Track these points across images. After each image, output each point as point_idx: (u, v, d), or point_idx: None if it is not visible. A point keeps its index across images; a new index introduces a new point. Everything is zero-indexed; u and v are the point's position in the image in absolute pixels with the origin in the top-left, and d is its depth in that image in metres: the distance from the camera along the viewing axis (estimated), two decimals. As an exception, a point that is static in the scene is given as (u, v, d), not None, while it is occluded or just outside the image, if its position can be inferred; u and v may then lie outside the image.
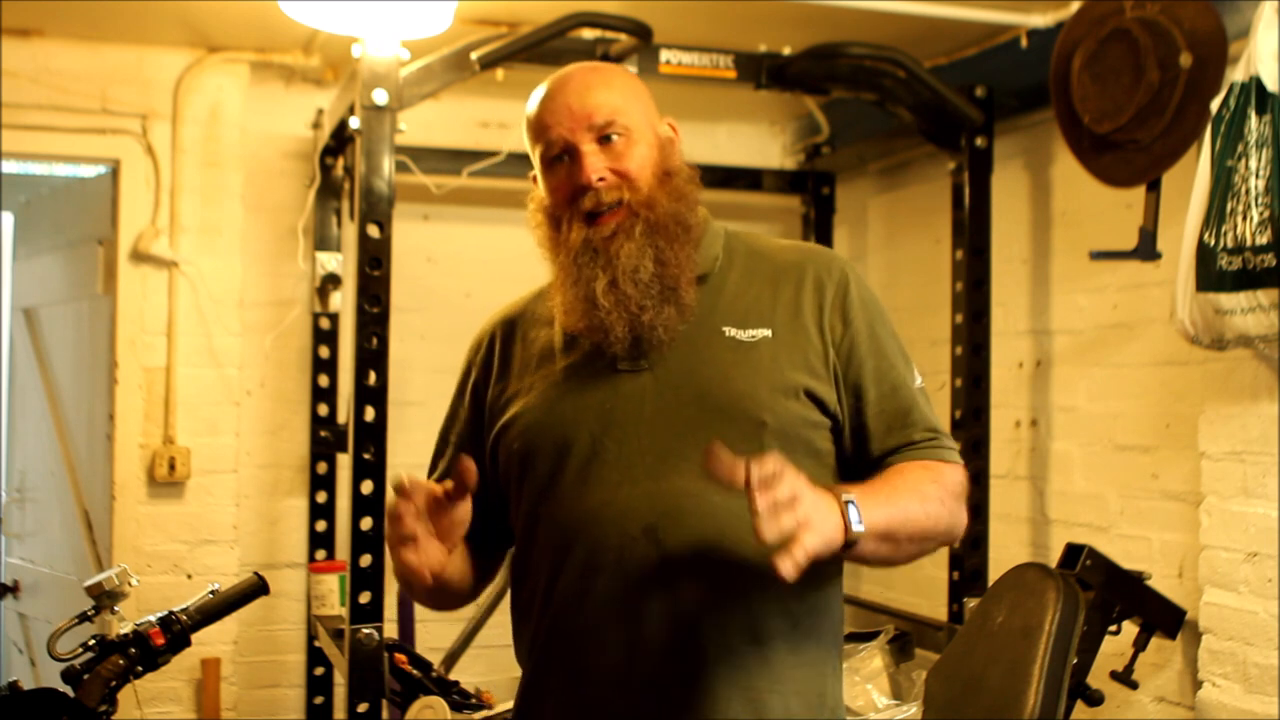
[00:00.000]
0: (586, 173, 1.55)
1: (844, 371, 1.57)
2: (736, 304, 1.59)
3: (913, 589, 3.81)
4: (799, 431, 1.54)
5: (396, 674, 2.80)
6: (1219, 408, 2.67)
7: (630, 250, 1.54)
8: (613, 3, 3.01)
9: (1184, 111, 2.57)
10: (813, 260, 1.62)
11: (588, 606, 1.52)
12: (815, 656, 1.56)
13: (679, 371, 1.55)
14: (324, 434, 3.77)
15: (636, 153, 1.57)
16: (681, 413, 1.53)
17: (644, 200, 1.56)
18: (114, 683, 1.99)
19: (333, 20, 2.89)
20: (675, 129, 1.66)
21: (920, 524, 1.49)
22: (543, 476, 1.57)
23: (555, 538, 1.55)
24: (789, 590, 1.47)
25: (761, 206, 4.35)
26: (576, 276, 1.56)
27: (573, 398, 1.57)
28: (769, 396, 1.52)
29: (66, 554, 3.95)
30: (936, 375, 3.69)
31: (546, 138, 1.59)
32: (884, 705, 2.85)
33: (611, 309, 1.53)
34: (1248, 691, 2.56)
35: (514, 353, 1.67)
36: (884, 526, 1.42)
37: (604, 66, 1.69)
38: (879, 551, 1.45)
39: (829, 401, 1.56)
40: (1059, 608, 2.22)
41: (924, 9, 3.17)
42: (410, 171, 3.70)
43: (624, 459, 1.52)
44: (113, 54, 3.62)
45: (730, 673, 1.49)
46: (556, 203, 1.59)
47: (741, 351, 1.55)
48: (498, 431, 1.63)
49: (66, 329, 4.01)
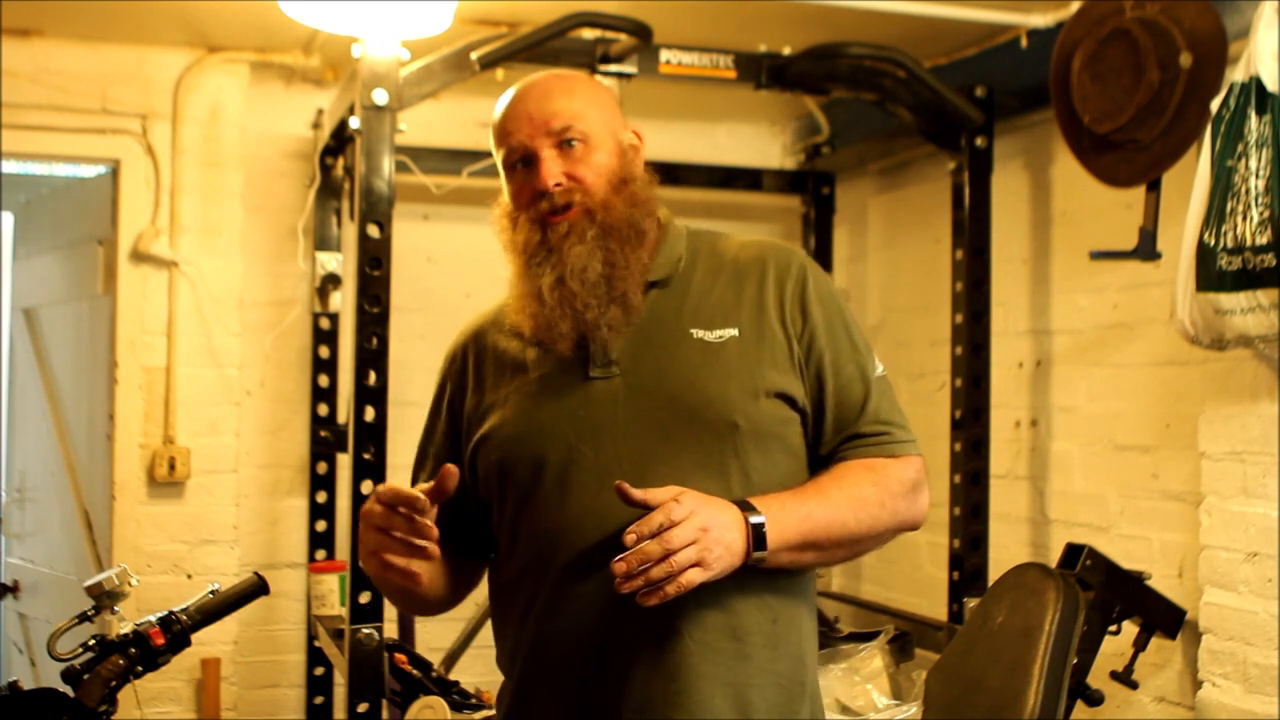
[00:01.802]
0: (543, 177, 1.59)
1: (805, 364, 1.61)
2: (702, 305, 1.61)
3: (913, 589, 3.81)
4: (772, 429, 1.58)
5: (396, 674, 2.80)
6: (1219, 408, 2.67)
7: (580, 251, 1.57)
8: (613, 3, 3.01)
9: (1184, 111, 2.57)
10: (772, 256, 1.65)
11: (572, 610, 1.54)
12: (794, 648, 1.60)
13: (650, 376, 1.58)
14: (324, 434, 3.77)
15: (594, 159, 1.61)
16: (655, 417, 1.55)
17: (599, 203, 1.59)
18: (114, 683, 1.99)
19: (333, 20, 2.89)
20: (640, 137, 1.70)
21: (849, 529, 1.54)
22: (523, 486, 1.59)
23: (538, 545, 1.57)
24: (767, 587, 1.55)
25: (761, 206, 4.35)
26: (528, 276, 1.60)
27: (548, 407, 1.59)
28: (740, 398, 1.55)
29: (66, 554, 3.95)
30: (936, 375, 3.69)
31: (508, 143, 1.63)
32: (884, 705, 2.85)
33: (555, 305, 1.57)
34: (1248, 691, 2.56)
35: (487, 365, 1.69)
36: (799, 540, 1.49)
37: (569, 74, 1.72)
38: (799, 560, 1.53)
39: (798, 397, 1.60)
40: (1059, 608, 2.22)
41: (924, 9, 3.17)
42: (410, 171, 3.70)
43: (601, 465, 1.54)
44: (113, 54, 3.62)
45: (713, 670, 1.52)
46: (516, 206, 1.64)
47: (710, 353, 1.57)
48: (476, 444, 1.65)
49: (66, 329, 4.01)
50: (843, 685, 2.88)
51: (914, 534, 1.64)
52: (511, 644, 1.63)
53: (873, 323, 4.10)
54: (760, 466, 1.56)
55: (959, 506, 3.29)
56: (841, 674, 2.91)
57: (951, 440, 3.32)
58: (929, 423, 3.67)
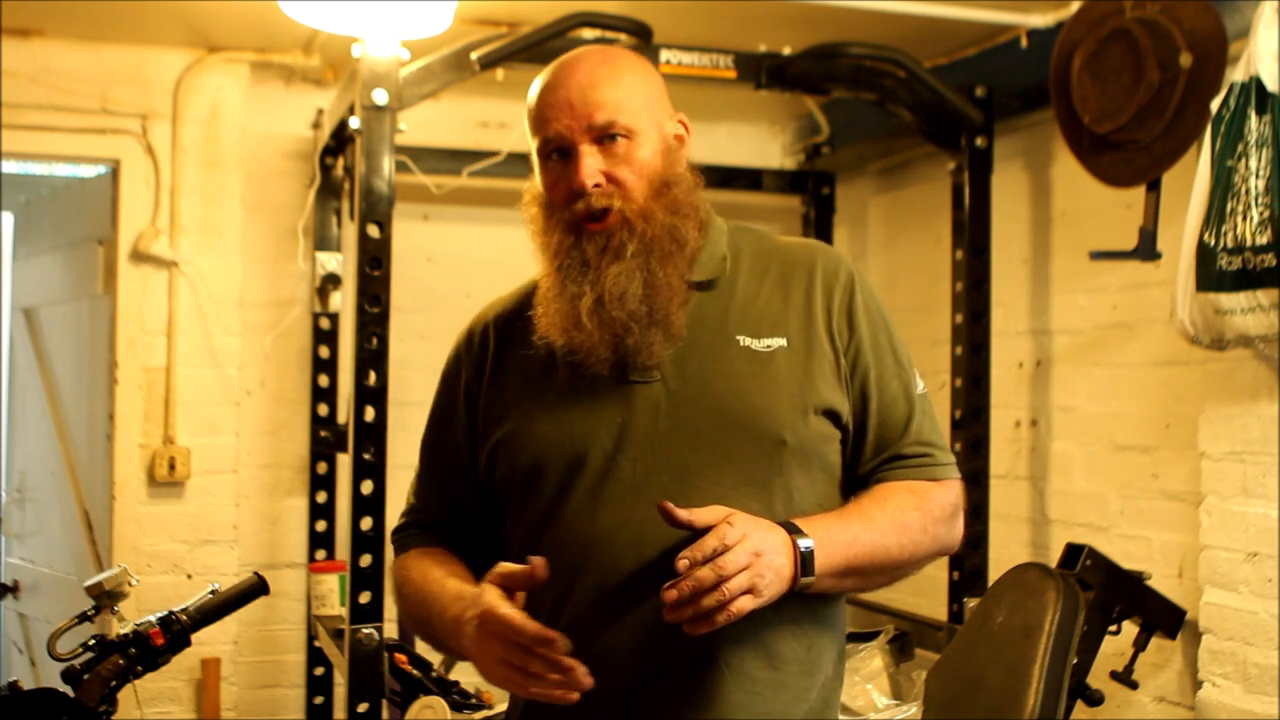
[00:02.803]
0: (581, 177, 1.48)
1: (850, 379, 1.54)
2: (749, 310, 1.53)
3: (913, 589, 3.80)
4: (817, 448, 1.51)
5: (396, 674, 2.80)
6: (1219, 408, 2.67)
7: (618, 271, 1.47)
8: (613, 3, 3.01)
9: (1184, 111, 2.57)
10: (820, 262, 1.57)
11: (601, 630, 1.45)
12: (827, 675, 1.54)
13: (694, 383, 1.49)
14: (324, 434, 3.77)
15: (636, 158, 1.51)
16: (699, 428, 1.47)
17: (638, 211, 1.49)
18: (114, 683, 2.00)
19: (333, 20, 2.89)
20: (687, 126, 1.61)
21: (892, 556, 1.48)
22: (550, 493, 1.50)
23: (565, 558, 1.46)
24: (804, 612, 1.48)
25: (761, 206, 4.35)
26: (561, 289, 1.50)
27: (582, 410, 1.50)
28: (789, 414, 1.48)
29: (66, 554, 3.95)
30: (936, 375, 3.69)
31: (545, 132, 1.52)
32: (884, 705, 2.85)
33: (595, 330, 1.47)
34: (1248, 691, 2.56)
35: (510, 356, 1.59)
36: (844, 566, 1.42)
37: (615, 56, 1.58)
38: (840, 586, 1.46)
39: (844, 414, 1.53)
40: (1059, 608, 2.22)
41: (924, 9, 3.17)
42: (410, 171, 3.70)
43: (638, 477, 1.46)
44: (113, 54, 3.62)
45: (746, 699, 1.45)
46: (550, 199, 1.53)
47: (759, 364, 1.49)
48: (498, 442, 1.56)
49: (66, 329, 4.01)
50: (843, 685, 2.88)
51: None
52: None
53: (873, 323, 4.10)
54: (802, 486, 1.49)
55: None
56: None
57: (951, 440, 3.32)
58: (929, 423, 3.67)
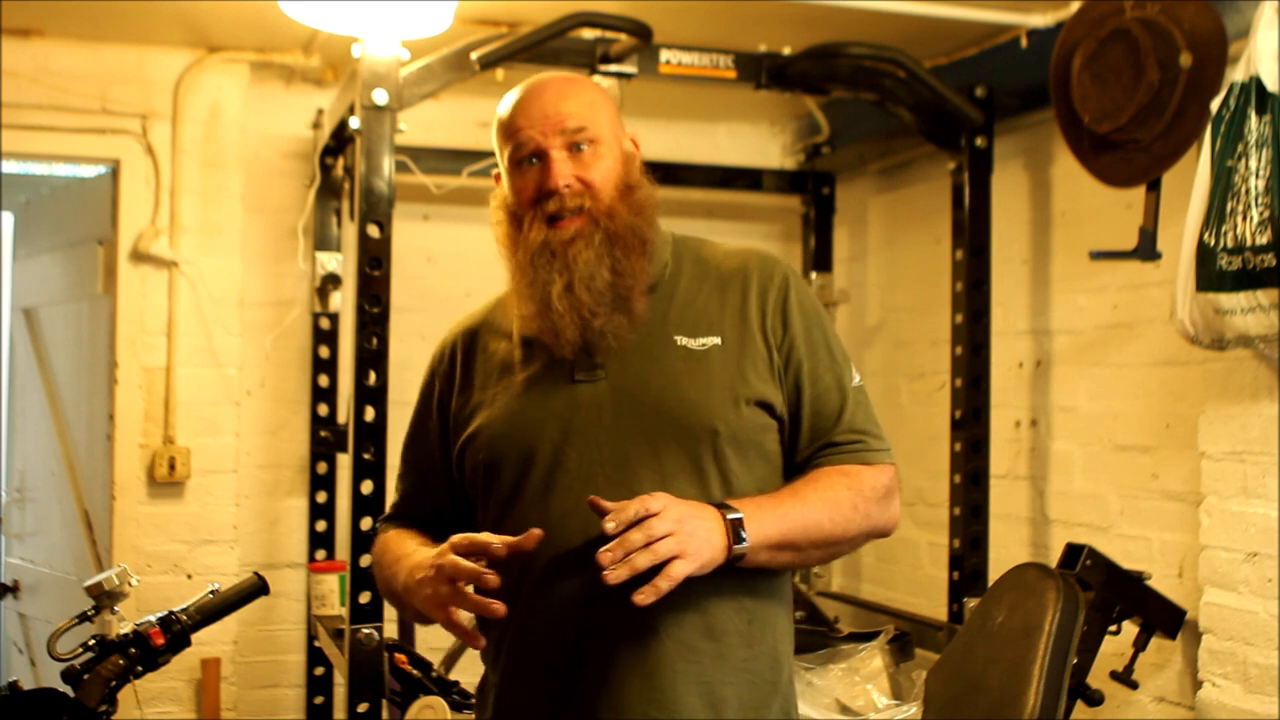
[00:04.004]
0: (554, 177, 1.61)
1: (784, 372, 1.65)
2: (687, 312, 1.65)
3: (913, 589, 3.81)
4: (752, 437, 1.62)
5: (396, 674, 2.80)
6: (1219, 408, 2.67)
7: (588, 258, 1.60)
8: (613, 3, 3.01)
9: (1184, 111, 2.57)
10: (755, 266, 1.69)
11: (553, 609, 1.57)
12: (770, 647, 1.63)
13: (635, 381, 1.61)
14: (324, 434, 3.77)
15: (603, 164, 1.64)
16: (638, 422, 1.59)
17: (605, 210, 1.62)
18: (114, 683, 2.00)
19: (333, 20, 2.89)
20: (637, 144, 1.73)
21: (825, 530, 1.58)
22: (508, 485, 1.63)
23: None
24: (743, 588, 1.59)
25: (761, 206, 4.35)
26: (533, 277, 1.62)
27: (534, 408, 1.63)
28: (721, 405, 1.59)
29: (66, 554, 3.95)
30: (936, 375, 3.69)
31: (517, 139, 1.65)
32: (884, 705, 2.84)
33: (565, 313, 1.60)
34: (1248, 691, 2.56)
35: (475, 364, 1.73)
36: (778, 538, 1.53)
37: (578, 78, 1.75)
38: (777, 559, 1.56)
39: (777, 405, 1.63)
40: (1059, 608, 2.22)
41: (924, 9, 3.17)
42: (410, 171, 3.70)
43: (585, 468, 1.59)
44: (113, 54, 3.62)
45: (688, 668, 1.56)
46: (520, 203, 1.66)
47: (694, 360, 1.61)
48: (464, 442, 1.69)
49: (66, 329, 4.01)
50: (843, 685, 2.88)
51: (914, 534, 1.66)
52: (495, 639, 1.66)
53: (873, 323, 4.11)
54: (739, 472, 1.60)
55: (959, 506, 3.29)
56: (841, 674, 2.91)
57: (951, 440, 3.32)
58: (929, 423, 3.67)
